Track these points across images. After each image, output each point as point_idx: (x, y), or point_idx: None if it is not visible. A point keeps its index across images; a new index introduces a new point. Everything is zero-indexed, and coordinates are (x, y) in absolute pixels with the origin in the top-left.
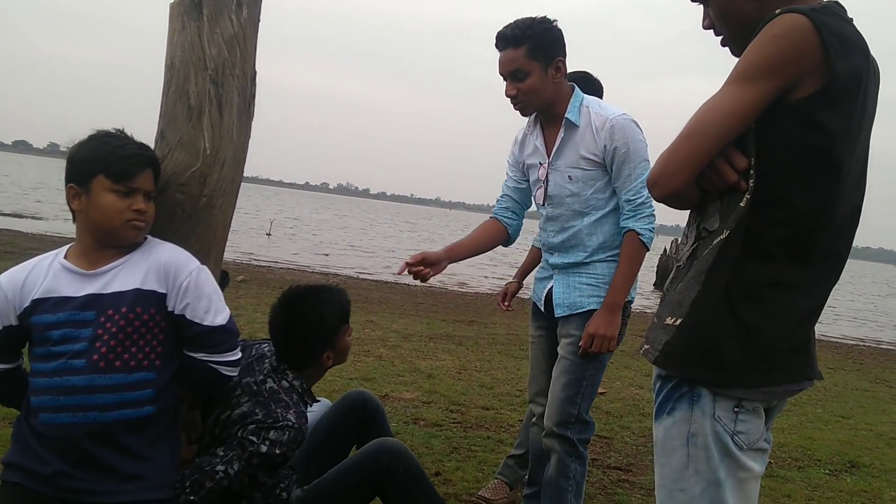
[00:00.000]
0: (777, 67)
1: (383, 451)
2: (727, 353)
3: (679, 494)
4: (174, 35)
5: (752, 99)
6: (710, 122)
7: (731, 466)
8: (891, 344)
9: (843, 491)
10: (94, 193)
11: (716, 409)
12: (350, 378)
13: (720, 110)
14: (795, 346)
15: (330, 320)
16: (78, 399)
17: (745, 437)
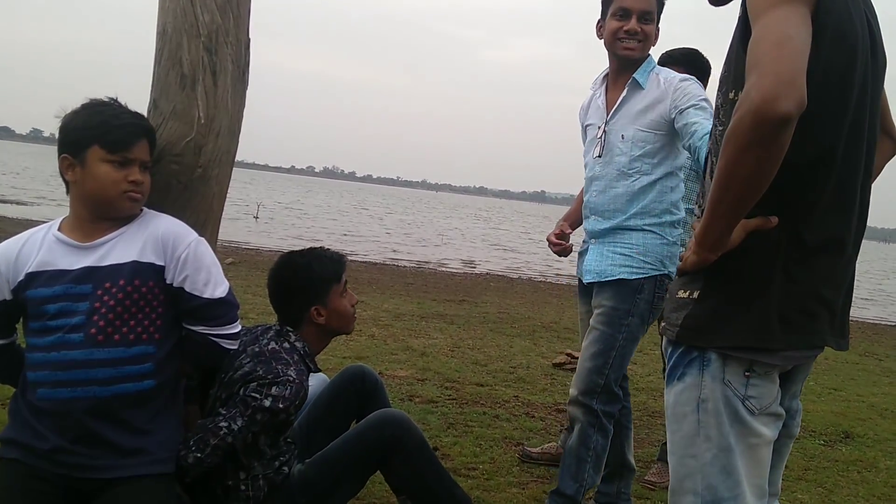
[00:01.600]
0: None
1: (387, 421)
2: (739, 317)
3: (690, 461)
4: (166, 1)
5: (808, 17)
6: (789, 26)
7: (742, 432)
8: (877, 319)
9: (838, 461)
10: (89, 164)
11: (725, 373)
12: (343, 357)
13: (788, 22)
14: (811, 310)
15: (318, 270)
16: (76, 374)
17: (756, 401)
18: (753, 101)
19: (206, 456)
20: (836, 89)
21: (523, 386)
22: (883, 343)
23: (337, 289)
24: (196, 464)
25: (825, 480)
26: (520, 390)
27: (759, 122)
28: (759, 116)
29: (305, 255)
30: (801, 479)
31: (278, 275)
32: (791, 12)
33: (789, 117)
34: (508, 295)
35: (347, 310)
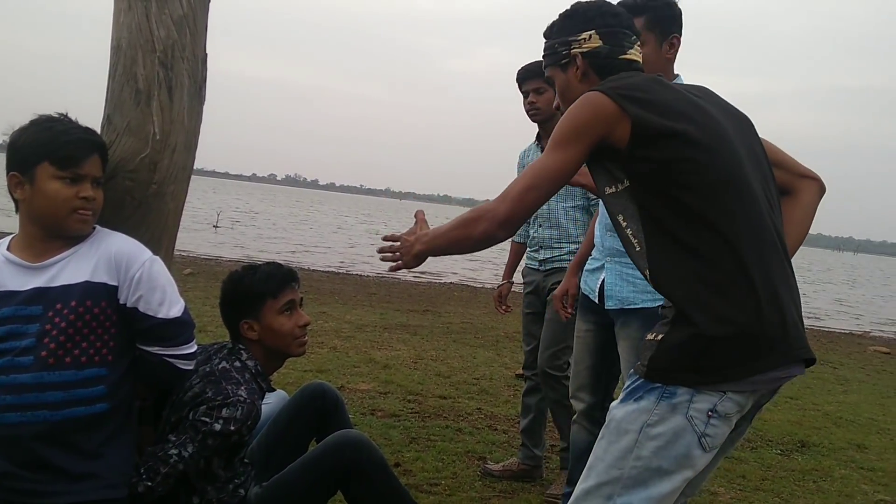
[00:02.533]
0: (581, 131)
1: (346, 443)
2: (702, 350)
3: (615, 471)
4: (120, 15)
5: (572, 158)
6: (543, 178)
7: (684, 463)
8: (832, 327)
9: (794, 470)
10: (39, 181)
11: (690, 408)
12: (304, 370)
13: (550, 169)
14: (771, 332)
15: (249, 284)
16: (26, 398)
17: (710, 440)
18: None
19: (157, 485)
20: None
21: (486, 398)
22: (837, 351)
23: (273, 304)
24: (146, 493)
25: (782, 490)
26: (483, 402)
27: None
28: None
29: (246, 269)
30: (759, 489)
31: (221, 287)
32: (565, 156)
33: (502, 236)
34: (472, 304)
35: (285, 329)
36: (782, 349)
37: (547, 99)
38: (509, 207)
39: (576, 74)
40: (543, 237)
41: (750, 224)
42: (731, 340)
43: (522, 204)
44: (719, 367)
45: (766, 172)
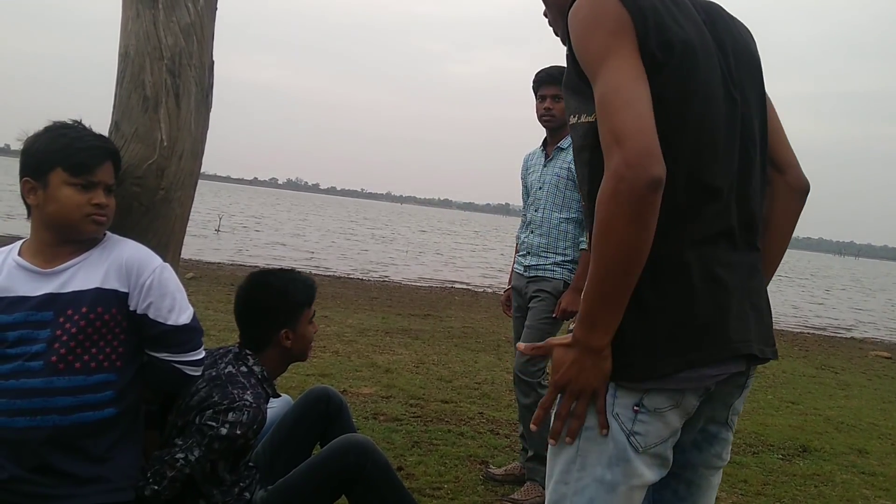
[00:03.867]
0: (620, 33)
1: (350, 447)
2: (623, 343)
3: (562, 487)
4: (128, 23)
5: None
6: (632, 87)
7: (624, 470)
8: (834, 331)
9: (796, 475)
10: (52, 187)
11: (615, 404)
12: (307, 374)
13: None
14: (708, 323)
15: (293, 293)
16: (36, 402)
17: (641, 438)
18: (624, 179)
19: (164, 488)
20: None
21: (488, 402)
22: (839, 356)
23: (307, 314)
24: (153, 496)
25: (783, 495)
26: (484, 406)
27: (634, 196)
28: (633, 192)
29: (281, 277)
30: (761, 494)
31: (250, 294)
32: (626, 65)
33: (660, 186)
34: (473, 309)
35: (310, 337)
36: (720, 343)
37: (562, 107)
38: (628, 147)
39: None
40: (532, 244)
41: (715, 194)
42: (651, 332)
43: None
44: (641, 363)
45: (753, 135)
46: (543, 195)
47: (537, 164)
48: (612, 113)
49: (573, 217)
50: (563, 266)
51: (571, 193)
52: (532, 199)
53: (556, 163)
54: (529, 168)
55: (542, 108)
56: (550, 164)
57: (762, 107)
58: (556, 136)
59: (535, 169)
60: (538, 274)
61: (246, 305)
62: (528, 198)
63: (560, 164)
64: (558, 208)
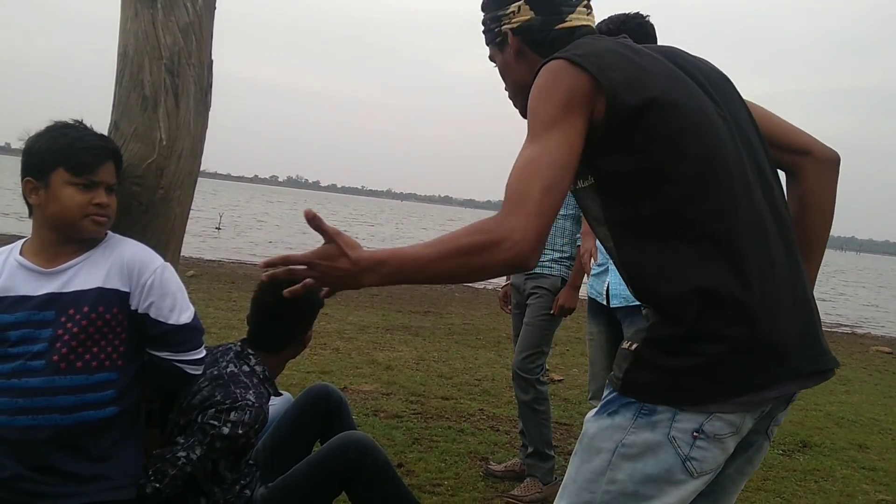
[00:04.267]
0: (569, 103)
1: (350, 444)
2: (686, 367)
3: (586, 494)
4: (127, 23)
5: (575, 139)
6: (556, 169)
7: (666, 489)
8: (834, 326)
9: (796, 470)
10: (54, 187)
11: (672, 428)
12: (308, 371)
13: (556, 159)
14: (766, 345)
15: (318, 298)
16: (37, 401)
17: (698, 464)
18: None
19: (165, 486)
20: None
21: (488, 399)
22: (839, 351)
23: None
24: (154, 494)
25: (783, 490)
26: (485, 403)
27: (506, 268)
28: (511, 266)
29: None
30: (761, 490)
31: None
32: (562, 143)
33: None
34: (473, 306)
35: (309, 340)
36: (782, 364)
37: None
38: (538, 223)
39: (511, 54)
40: None
41: (742, 216)
42: (720, 356)
43: (548, 212)
44: (705, 386)
45: (756, 146)
46: None
47: None
48: (528, 176)
49: (570, 214)
50: (560, 263)
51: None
52: None
53: None
54: None
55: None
56: None
57: (751, 118)
58: None
59: None
60: (536, 271)
61: (281, 310)
62: None
63: None
64: None
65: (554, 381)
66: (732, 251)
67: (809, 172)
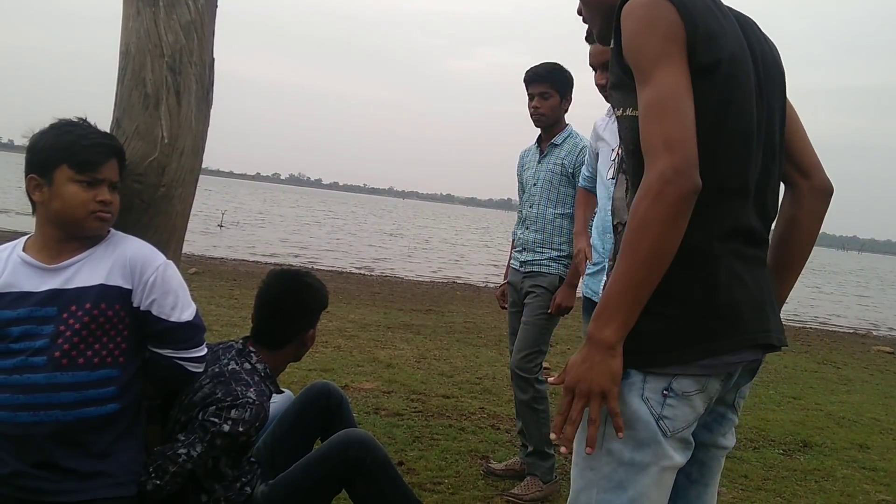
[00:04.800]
0: (673, 40)
1: (350, 441)
2: (651, 331)
3: (589, 473)
4: (129, 21)
5: (688, 76)
6: (681, 97)
7: (655, 452)
8: (836, 326)
9: (797, 470)
10: (57, 184)
11: (645, 389)
12: (309, 369)
13: (674, 89)
14: (729, 313)
15: (323, 296)
16: (38, 398)
17: (670, 422)
18: (671, 183)
19: (166, 483)
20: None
21: (489, 397)
22: (841, 351)
23: (318, 318)
24: (155, 491)
25: (784, 490)
26: (486, 402)
27: (678, 202)
28: (678, 198)
29: (316, 279)
30: (761, 489)
31: (294, 295)
32: (678, 73)
33: (697, 194)
34: (475, 304)
35: (313, 339)
36: (738, 333)
37: (551, 105)
38: (677, 154)
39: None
40: (528, 240)
41: (734, 196)
42: (681, 321)
43: (689, 143)
44: (666, 349)
45: (774, 143)
46: (538, 191)
47: (532, 161)
48: (664, 118)
49: (568, 213)
50: (558, 261)
51: (566, 189)
52: (527, 196)
53: (549, 159)
54: (525, 164)
55: (531, 107)
56: (545, 161)
57: (783, 116)
58: (550, 133)
59: (530, 165)
60: (534, 269)
61: (285, 304)
62: (524, 194)
63: (554, 161)
64: (553, 204)
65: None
66: (715, 226)
67: (804, 196)
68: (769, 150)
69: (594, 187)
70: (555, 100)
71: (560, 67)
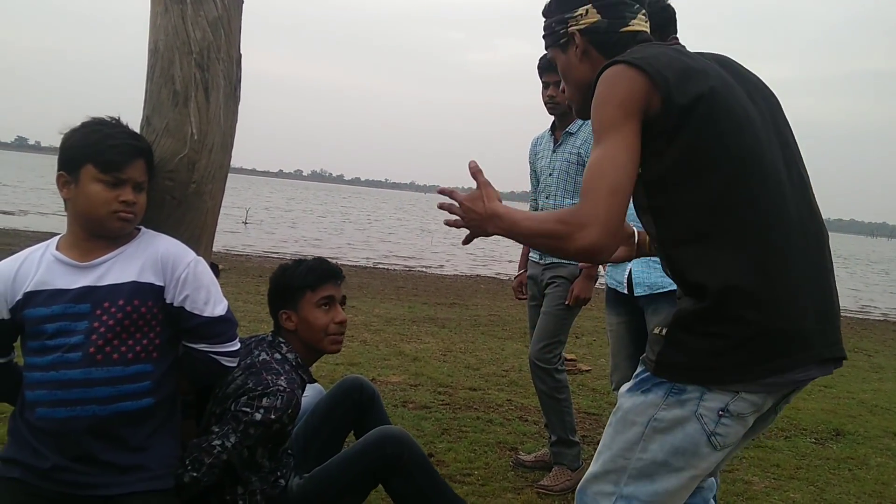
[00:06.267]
0: (626, 106)
1: (387, 438)
2: (714, 349)
3: (621, 460)
4: (157, 18)
5: (632, 138)
6: (619, 173)
7: (692, 461)
8: (866, 313)
9: (829, 458)
10: (82, 182)
11: (700, 406)
12: (336, 363)
13: (618, 159)
14: (792, 331)
15: (290, 276)
16: (75, 393)
17: (722, 439)
18: (583, 248)
19: (202, 475)
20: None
21: (516, 389)
22: (872, 338)
23: (311, 297)
24: (192, 483)
25: (817, 479)
26: (513, 394)
27: (575, 257)
28: (578, 256)
29: (291, 262)
30: (794, 478)
31: (273, 278)
32: (625, 139)
33: (602, 259)
34: (499, 297)
35: (320, 323)
36: (805, 349)
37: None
38: (600, 230)
39: (576, 53)
40: None
41: (773, 209)
42: (746, 340)
43: (614, 217)
44: (731, 368)
45: (793, 150)
46: (554, 182)
47: (546, 150)
48: (600, 186)
49: None
50: None
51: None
52: (543, 186)
53: (565, 148)
54: (538, 153)
55: (546, 95)
56: (560, 150)
57: (789, 126)
58: (564, 121)
59: (544, 154)
60: (554, 261)
61: (269, 287)
62: (539, 184)
63: (569, 150)
64: (570, 194)
65: (581, 371)
66: (761, 241)
67: None
68: (790, 160)
69: None
70: None
71: None
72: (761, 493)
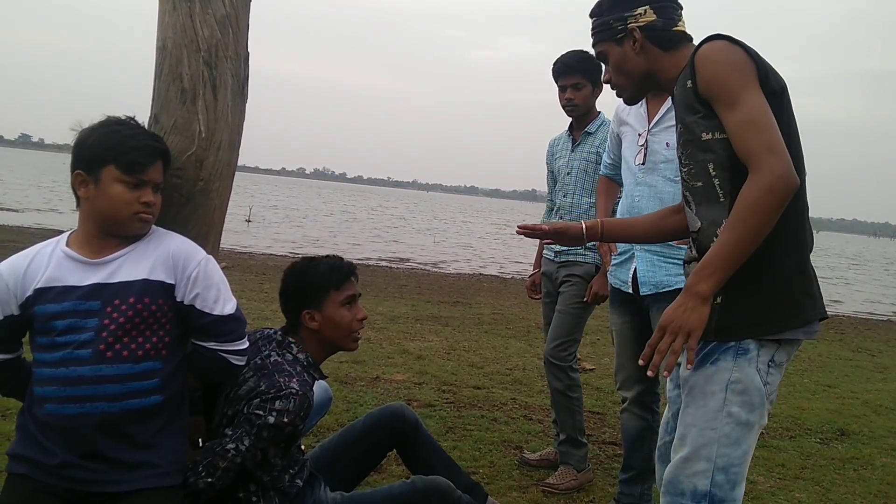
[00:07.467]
0: (751, 71)
1: (433, 490)
2: (765, 304)
3: (709, 432)
4: (165, 16)
5: (762, 95)
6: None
7: (762, 415)
8: (869, 313)
9: (834, 458)
10: (103, 183)
11: (758, 360)
12: (341, 360)
13: (764, 108)
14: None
15: (313, 275)
16: (84, 390)
17: (770, 387)
18: (781, 179)
19: (217, 479)
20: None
21: (520, 388)
22: (876, 338)
23: (335, 296)
24: (207, 489)
25: (822, 479)
26: (517, 392)
27: (784, 195)
28: (785, 191)
29: (308, 260)
30: (799, 478)
31: (282, 278)
32: (760, 96)
33: (797, 188)
34: (502, 295)
35: (346, 321)
36: (818, 307)
37: (584, 95)
38: (782, 157)
39: (633, 47)
40: None
41: (804, 198)
42: (788, 295)
43: (783, 147)
44: (781, 318)
45: None
46: (572, 180)
47: (564, 150)
48: (763, 130)
49: None
50: (593, 250)
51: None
52: (560, 185)
53: (583, 147)
54: (556, 153)
55: (563, 99)
56: (578, 149)
57: None
58: (582, 121)
59: (563, 154)
60: (569, 259)
61: (280, 290)
62: (556, 183)
63: (588, 149)
64: (588, 193)
65: (585, 370)
66: (801, 211)
67: None
68: None
69: (616, 175)
70: (587, 89)
71: (590, 56)
72: (766, 492)
